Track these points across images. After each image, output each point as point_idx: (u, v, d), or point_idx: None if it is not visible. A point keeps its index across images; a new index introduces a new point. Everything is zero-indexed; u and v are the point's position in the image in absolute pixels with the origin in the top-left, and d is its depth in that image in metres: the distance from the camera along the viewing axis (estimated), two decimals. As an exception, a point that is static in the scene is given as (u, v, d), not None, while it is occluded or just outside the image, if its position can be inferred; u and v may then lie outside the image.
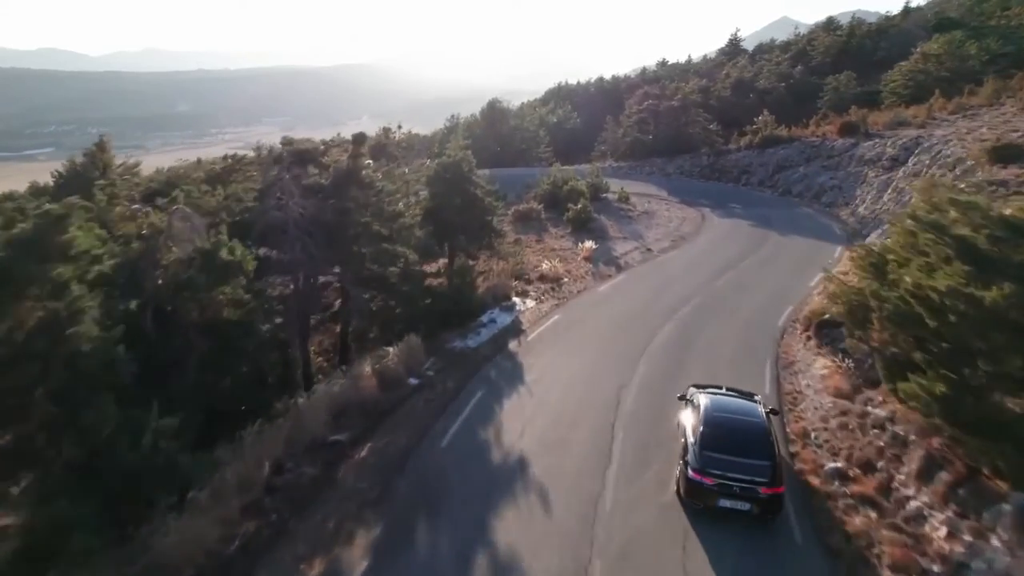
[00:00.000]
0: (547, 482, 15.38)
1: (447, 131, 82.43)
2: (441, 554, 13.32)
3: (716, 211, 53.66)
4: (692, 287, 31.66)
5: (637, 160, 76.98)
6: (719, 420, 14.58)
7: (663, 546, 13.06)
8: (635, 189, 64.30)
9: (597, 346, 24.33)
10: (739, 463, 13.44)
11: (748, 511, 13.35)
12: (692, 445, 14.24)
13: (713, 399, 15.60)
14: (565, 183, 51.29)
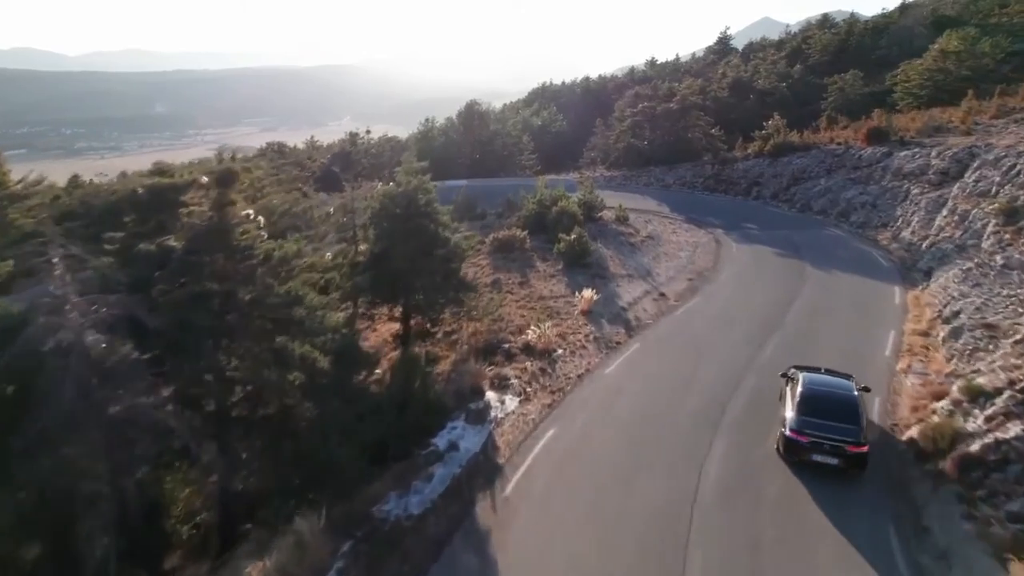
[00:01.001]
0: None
1: (420, 135, 73.12)
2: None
3: (731, 234, 44.86)
4: (733, 363, 22.69)
5: (632, 169, 68.05)
6: (815, 391, 16.92)
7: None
8: (633, 204, 55.34)
9: (616, 500, 15.12)
10: (830, 426, 15.69)
11: (836, 465, 15.61)
12: (791, 411, 16.55)
13: (811, 376, 17.91)
14: (554, 203, 42.17)
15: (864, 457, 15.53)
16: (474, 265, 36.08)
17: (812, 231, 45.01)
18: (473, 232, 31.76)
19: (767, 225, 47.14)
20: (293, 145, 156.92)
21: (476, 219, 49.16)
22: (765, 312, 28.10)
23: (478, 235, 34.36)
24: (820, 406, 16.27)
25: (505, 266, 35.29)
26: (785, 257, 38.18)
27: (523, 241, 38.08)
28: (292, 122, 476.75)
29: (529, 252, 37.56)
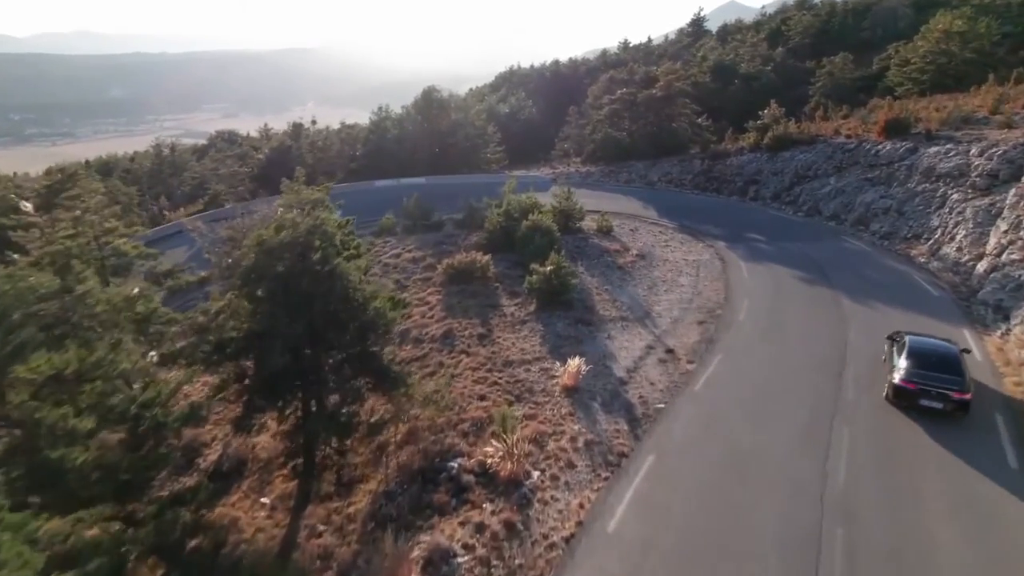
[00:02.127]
0: None
1: (373, 127, 63.72)
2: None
3: (735, 247, 36.96)
4: (796, 498, 14.66)
5: (611, 164, 59.69)
6: (922, 347, 19.43)
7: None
8: (615, 207, 47.29)
9: None
10: (937, 376, 18.14)
11: (941, 409, 17.89)
12: (900, 363, 18.85)
13: (917, 336, 20.30)
14: (524, 214, 33.73)
15: (967, 404, 17.63)
16: (421, 303, 27.56)
17: (829, 244, 37.31)
18: (395, 291, 23.09)
19: (775, 235, 39.33)
20: (246, 133, 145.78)
21: (431, 229, 40.50)
22: (813, 384, 20.10)
23: (425, 265, 25.81)
24: (927, 360, 18.67)
25: (461, 305, 26.81)
26: (810, 283, 30.33)
27: (485, 268, 29.61)
28: (254, 107, 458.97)
29: (493, 283, 29.11)
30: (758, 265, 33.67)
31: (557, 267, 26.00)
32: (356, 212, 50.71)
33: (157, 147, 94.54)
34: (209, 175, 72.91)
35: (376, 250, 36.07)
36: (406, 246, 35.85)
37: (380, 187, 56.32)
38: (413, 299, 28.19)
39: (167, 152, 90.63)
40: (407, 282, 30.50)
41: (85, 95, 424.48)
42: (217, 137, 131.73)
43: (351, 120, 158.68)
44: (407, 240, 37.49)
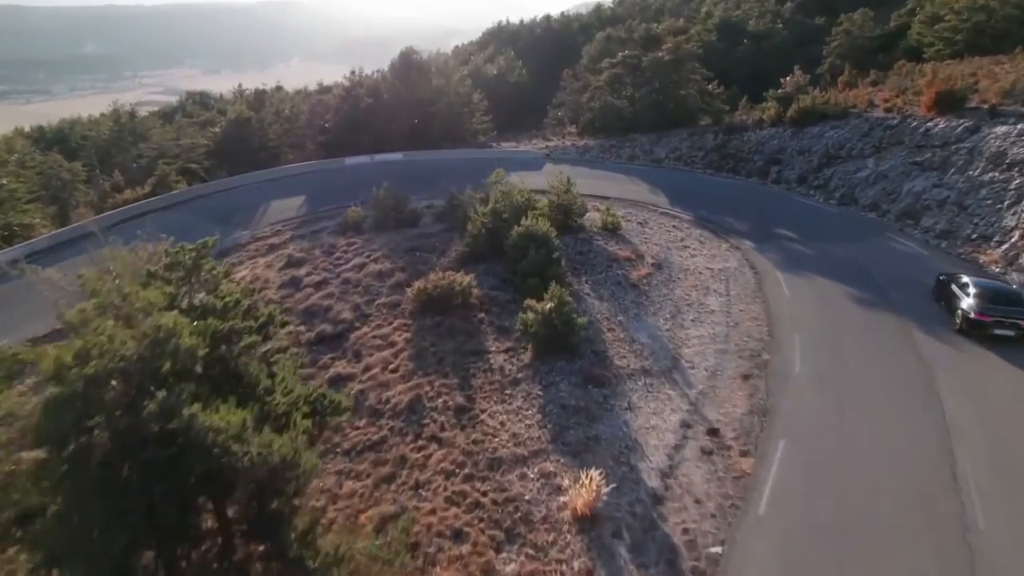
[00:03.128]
0: None
1: (345, 95, 55.95)
2: None
3: (765, 250, 30.69)
4: None
5: (611, 137, 52.63)
6: (990, 285, 22.81)
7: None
8: (619, 190, 40.79)
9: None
10: (1006, 308, 21.21)
11: (1012, 336, 20.82)
12: (970, 301, 21.68)
13: (976, 277, 23.59)
14: (516, 215, 27.19)
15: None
16: (384, 343, 21.23)
17: (875, 244, 31.13)
18: (338, 395, 16.40)
19: (808, 231, 33.07)
20: (219, 94, 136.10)
21: (406, 224, 33.83)
22: (923, 500, 14.09)
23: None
24: (996, 296, 21.85)
25: (436, 351, 20.47)
26: (868, 307, 24.20)
27: (466, 291, 23.17)
28: (236, 63, 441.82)
29: (476, 312, 22.72)
30: (797, 277, 27.41)
31: (559, 303, 19.61)
32: (322, 197, 44.37)
33: (115, 112, 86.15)
34: (169, 145, 65.14)
35: (337, 256, 29.50)
36: (373, 251, 29.26)
37: (351, 165, 49.21)
38: (374, 337, 21.81)
39: (125, 119, 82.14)
40: (369, 308, 24.05)
41: (60, 50, 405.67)
42: (188, 99, 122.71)
43: (334, 78, 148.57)
44: (375, 241, 30.88)
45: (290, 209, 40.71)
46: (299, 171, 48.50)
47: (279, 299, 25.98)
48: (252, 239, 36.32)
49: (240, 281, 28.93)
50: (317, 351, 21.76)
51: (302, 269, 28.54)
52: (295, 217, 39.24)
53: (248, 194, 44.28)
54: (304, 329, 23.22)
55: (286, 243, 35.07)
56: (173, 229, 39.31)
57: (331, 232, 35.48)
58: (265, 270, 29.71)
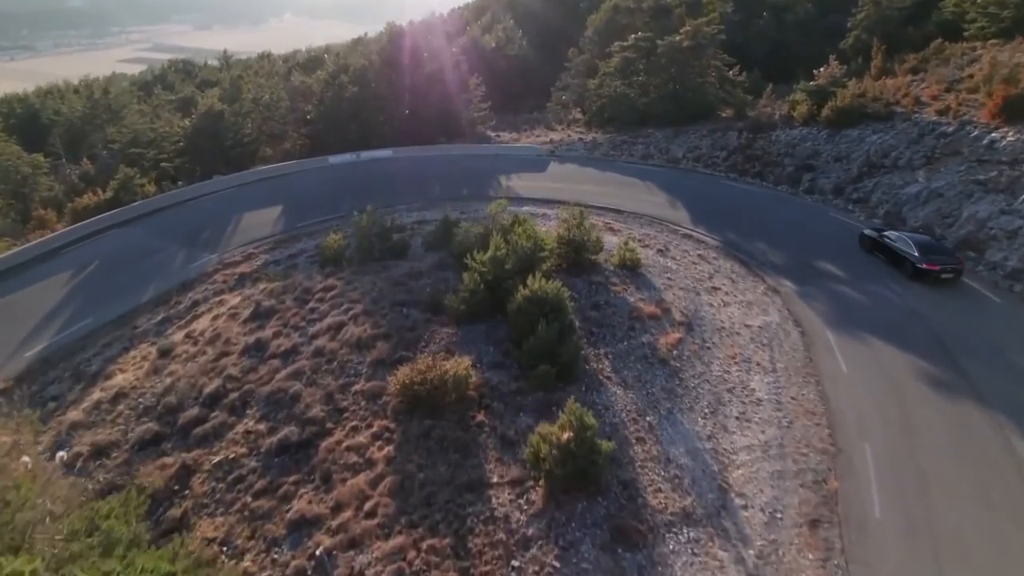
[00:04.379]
0: None
1: (329, 79, 50.15)
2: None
3: (808, 295, 26.27)
4: None
5: (622, 130, 47.41)
6: (928, 241, 27.64)
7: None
8: (633, 200, 36.39)
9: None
10: (943, 257, 26.59)
11: (952, 277, 26.17)
12: (916, 254, 26.68)
13: (909, 233, 28.60)
14: (522, 266, 22.63)
15: (963, 270, 26.48)
16: (359, 462, 16.91)
17: (935, 285, 26.55)
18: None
19: (854, 264, 28.59)
20: (204, 62, 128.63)
21: (392, 255, 29.18)
22: None
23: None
24: (933, 247, 27.10)
25: (423, 484, 16.13)
26: (948, 393, 19.88)
27: (462, 383, 18.71)
28: (227, 18, 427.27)
29: (474, 415, 18.31)
30: (851, 339, 23.00)
31: (580, 427, 15.21)
32: (301, 208, 38.88)
33: (87, 86, 79.83)
34: (143, 130, 59.58)
35: (311, 307, 24.96)
36: (352, 301, 24.66)
37: (336, 165, 44.15)
38: (348, 449, 17.48)
39: (99, 94, 76.07)
40: (344, 397, 19.65)
41: (42, 4, 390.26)
42: (170, 67, 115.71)
43: (326, 38, 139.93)
44: (357, 284, 26.26)
45: (265, 224, 35.96)
46: (277, 172, 43.43)
47: (240, 374, 21.56)
48: (220, 264, 31.79)
49: (199, 339, 24.55)
50: (278, 468, 17.46)
51: (269, 326, 24.03)
52: (270, 236, 34.57)
53: (219, 204, 39.41)
54: (264, 428, 18.87)
55: (258, 271, 30.61)
56: (132, 254, 34.53)
57: (308, 259, 30.97)
58: (228, 321, 25.18)
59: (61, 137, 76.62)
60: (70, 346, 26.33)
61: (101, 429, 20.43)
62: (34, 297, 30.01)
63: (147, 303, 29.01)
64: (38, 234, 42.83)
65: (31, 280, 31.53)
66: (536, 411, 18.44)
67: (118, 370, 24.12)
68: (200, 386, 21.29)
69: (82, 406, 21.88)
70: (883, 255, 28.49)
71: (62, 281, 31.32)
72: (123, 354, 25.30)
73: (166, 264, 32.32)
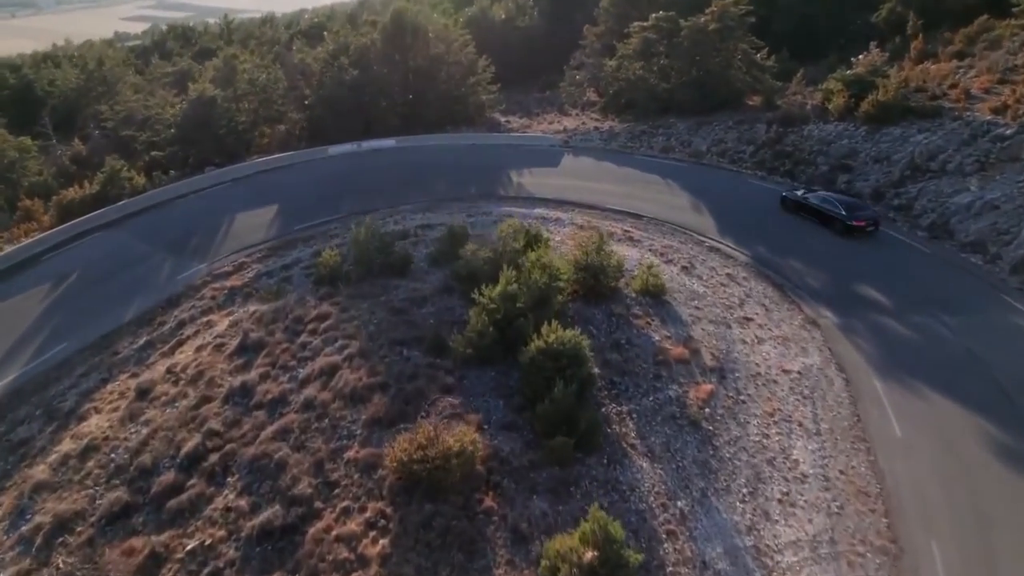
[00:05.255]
0: None
1: (326, 62, 46.71)
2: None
3: (851, 329, 23.75)
4: None
5: (641, 118, 44.04)
6: (849, 201, 30.32)
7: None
8: (653, 202, 33.89)
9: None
10: (865, 212, 29.71)
11: (873, 230, 29.33)
12: (843, 212, 29.56)
13: (839, 196, 31.19)
14: (540, 302, 20.07)
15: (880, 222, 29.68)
16: (353, 563, 14.67)
17: (994, 318, 23.92)
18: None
19: (899, 288, 25.80)
20: (205, 27, 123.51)
21: (392, 272, 26.58)
22: None
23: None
24: (855, 205, 29.98)
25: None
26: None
27: (468, 460, 16.28)
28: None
29: (482, 499, 15.94)
30: (903, 391, 20.44)
31: (607, 539, 12.82)
32: (298, 208, 35.50)
33: (81, 57, 76.16)
34: (137, 108, 56.42)
35: (302, 341, 22.49)
36: (347, 337, 22.17)
37: (336, 156, 41.20)
38: (337, 541, 15.20)
39: (94, 66, 72.60)
40: (335, 468, 17.30)
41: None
42: (169, 33, 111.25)
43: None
44: (353, 312, 23.72)
45: (258, 227, 33.34)
46: (273, 165, 40.50)
47: (222, 428, 19.24)
48: (210, 276, 29.36)
49: (180, 376, 22.21)
50: (260, 559, 15.24)
51: (256, 364, 21.65)
52: (263, 242, 31.98)
53: (210, 202, 36.72)
54: (246, 505, 16.60)
55: (249, 285, 28.17)
56: (116, 262, 31.73)
57: (303, 271, 28.45)
58: (213, 355, 22.81)
59: (55, 111, 73.43)
60: (44, 376, 24.13)
61: (67, 493, 18.22)
62: (9, 314, 27.70)
63: (130, 323, 26.67)
64: (23, 228, 40.45)
65: (7, 293, 29.18)
66: (551, 492, 16.08)
67: (93, 410, 21.89)
68: (178, 442, 18.98)
69: (49, 459, 19.67)
70: (810, 216, 30.79)
71: (40, 295, 28.96)
72: (100, 387, 23.06)
73: (152, 275, 29.84)
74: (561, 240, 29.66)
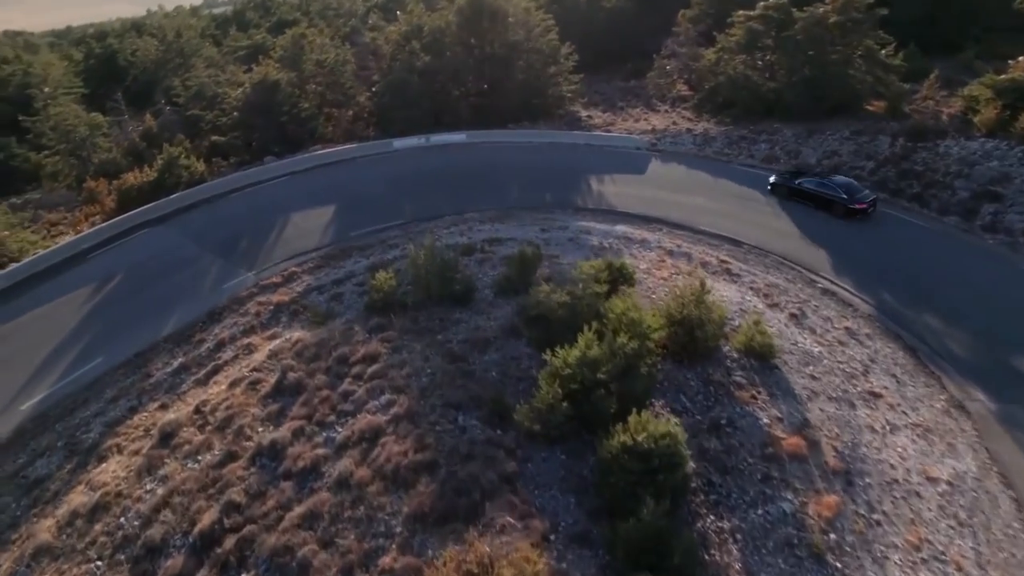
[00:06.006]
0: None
1: (404, 38, 43.21)
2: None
3: (1013, 419, 18.62)
4: None
5: (740, 121, 38.80)
6: (850, 184, 29.46)
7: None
8: (755, 228, 28.91)
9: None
10: (865, 194, 29.02)
11: (869, 211, 28.83)
12: (843, 196, 28.95)
13: (838, 178, 30.43)
14: (624, 370, 16.16)
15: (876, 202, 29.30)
16: None
17: None
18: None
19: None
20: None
21: (453, 301, 23.16)
22: None
23: None
24: (854, 187, 29.18)
25: None
26: None
27: None
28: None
29: None
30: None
31: None
32: (357, 210, 31.08)
33: (161, 27, 75.08)
34: (208, 84, 54.69)
35: (344, 389, 19.37)
36: (394, 390, 18.87)
37: (400, 150, 37.93)
38: None
39: (172, 36, 71.44)
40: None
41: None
42: (249, 2, 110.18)
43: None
44: (403, 353, 20.44)
45: (313, 231, 30.51)
46: (334, 158, 37.54)
47: (243, 500, 16.33)
48: (256, 287, 26.72)
49: (208, 419, 19.48)
50: None
51: (291, 415, 18.70)
52: (317, 248, 29.15)
53: (266, 199, 34.14)
54: (259, 621, 13.52)
55: (297, 301, 25.34)
56: (161, 264, 29.36)
57: (356, 288, 25.45)
58: (247, 395, 20.02)
59: (135, 82, 72.97)
60: (72, 398, 22.11)
61: (67, 564, 15.74)
62: (49, 320, 25.83)
63: (167, 339, 24.37)
64: (85, 212, 39.10)
65: (51, 295, 27.34)
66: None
67: (115, 447, 19.56)
68: (193, 515, 16.18)
69: (59, 512, 17.31)
70: (807, 201, 29.98)
71: (82, 299, 27.01)
72: (127, 418, 20.78)
73: (196, 282, 27.45)
74: (647, 270, 25.52)
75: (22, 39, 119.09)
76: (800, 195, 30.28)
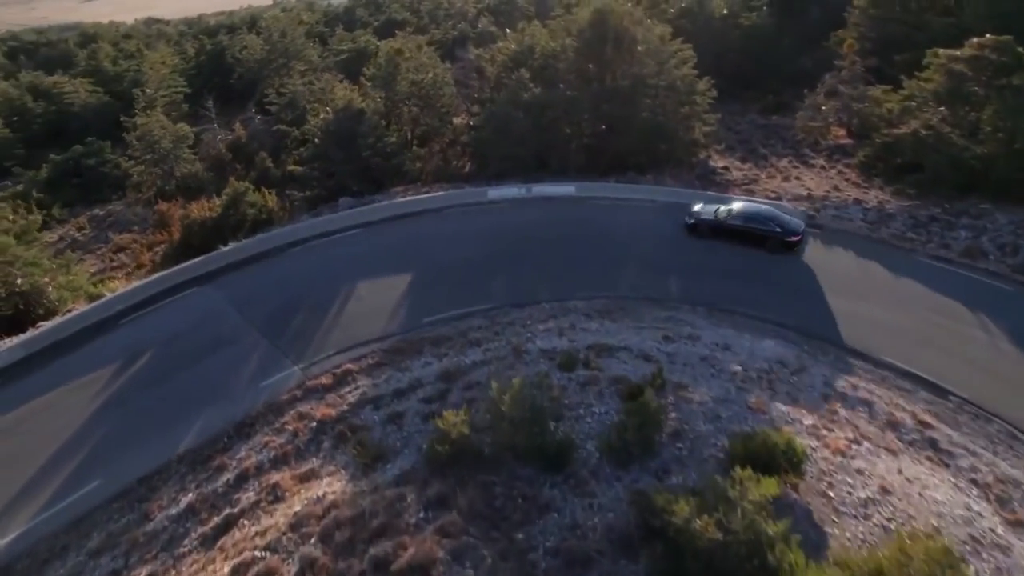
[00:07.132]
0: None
1: (512, 61, 36.56)
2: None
3: None
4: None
5: (928, 193, 29.53)
6: (774, 214, 26.57)
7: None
8: (959, 366, 20.55)
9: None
10: (799, 225, 26.26)
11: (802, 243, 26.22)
12: (780, 229, 25.79)
13: (744, 204, 27.38)
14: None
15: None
16: None
17: None
18: None
19: None
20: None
21: (549, 465, 16.24)
22: None
23: None
24: (791, 222, 26.25)
25: None
26: None
27: None
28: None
29: None
30: None
31: None
32: (437, 283, 24.02)
33: (267, 26, 71.80)
34: (302, 92, 50.24)
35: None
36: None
37: (496, 202, 31.30)
38: None
39: (277, 36, 68.16)
40: None
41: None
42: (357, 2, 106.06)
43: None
44: (464, 566, 13.80)
45: (380, 310, 24.44)
46: (417, 207, 31.33)
47: None
48: (299, 391, 20.92)
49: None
50: None
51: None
52: (381, 339, 22.99)
53: (330, 258, 28.38)
54: None
55: (345, 419, 19.39)
56: (196, 340, 22.52)
57: (420, 406, 19.09)
58: None
59: (239, 79, 70.19)
60: (49, 543, 16.90)
61: None
62: (55, 411, 21.09)
63: (181, 458, 18.91)
64: (153, 238, 35.10)
65: (66, 375, 22.69)
66: None
67: (75, 648, 13.92)
68: None
69: None
70: (732, 239, 26.34)
71: (98, 385, 22.04)
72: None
73: (231, 373, 21.97)
74: (812, 429, 17.78)
75: (156, 28, 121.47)
76: (726, 233, 27.24)
